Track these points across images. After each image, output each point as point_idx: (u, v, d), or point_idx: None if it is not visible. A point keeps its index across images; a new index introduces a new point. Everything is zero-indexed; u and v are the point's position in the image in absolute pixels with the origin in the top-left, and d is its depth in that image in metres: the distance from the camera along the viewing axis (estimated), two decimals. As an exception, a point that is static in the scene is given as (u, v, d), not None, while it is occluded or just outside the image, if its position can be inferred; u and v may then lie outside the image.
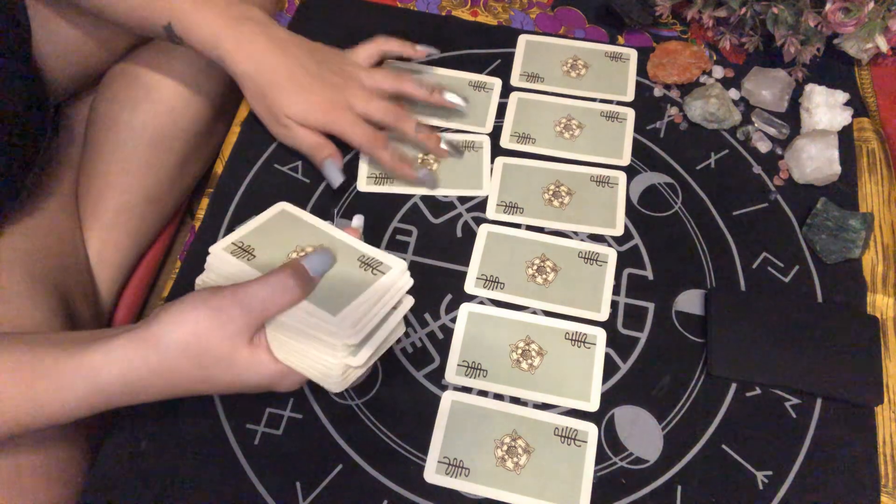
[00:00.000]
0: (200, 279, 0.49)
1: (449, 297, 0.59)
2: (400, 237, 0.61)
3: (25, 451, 0.51)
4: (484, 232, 0.61)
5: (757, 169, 0.65)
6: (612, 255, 0.60)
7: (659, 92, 0.70)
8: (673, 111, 0.68)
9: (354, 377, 0.46)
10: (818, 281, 0.60)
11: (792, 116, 0.68)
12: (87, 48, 0.69)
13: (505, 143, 0.66)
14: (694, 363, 0.56)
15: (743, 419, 0.54)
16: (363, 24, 0.73)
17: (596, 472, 0.52)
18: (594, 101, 0.69)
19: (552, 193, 0.63)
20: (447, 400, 0.54)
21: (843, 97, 0.66)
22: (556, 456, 0.52)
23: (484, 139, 0.66)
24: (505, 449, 0.52)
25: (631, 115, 0.68)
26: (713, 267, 0.60)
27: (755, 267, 0.60)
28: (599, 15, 0.76)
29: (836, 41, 0.69)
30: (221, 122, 0.75)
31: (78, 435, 0.56)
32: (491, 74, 0.71)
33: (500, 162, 0.65)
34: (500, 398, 0.54)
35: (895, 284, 0.59)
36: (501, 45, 0.73)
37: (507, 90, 0.70)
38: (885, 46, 0.66)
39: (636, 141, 0.67)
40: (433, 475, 0.51)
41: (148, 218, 0.73)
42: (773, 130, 0.67)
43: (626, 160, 0.65)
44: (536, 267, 0.60)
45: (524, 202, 0.63)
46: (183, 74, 0.69)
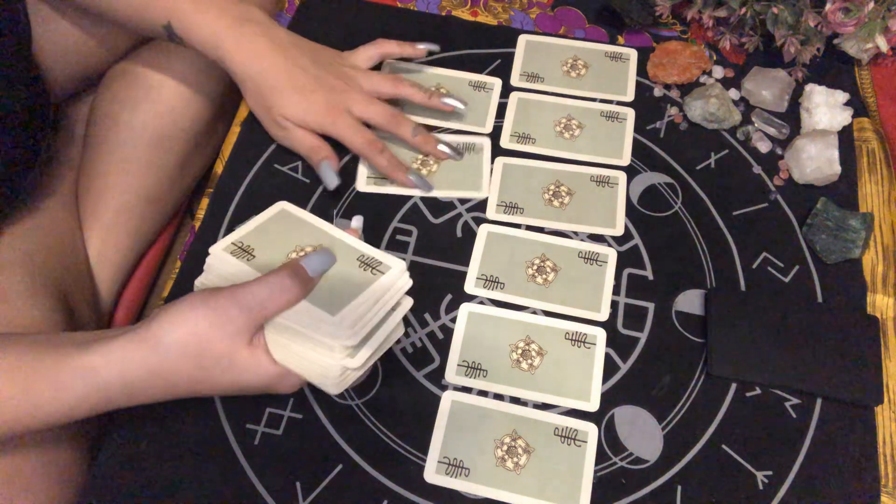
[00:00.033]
0: (199, 280, 0.49)
1: (449, 297, 0.59)
2: (400, 237, 0.61)
3: (25, 451, 0.51)
4: (484, 232, 0.61)
5: (757, 169, 0.65)
6: (612, 255, 0.60)
7: (659, 92, 0.70)
8: (673, 111, 0.68)
9: (352, 379, 0.46)
10: (818, 281, 0.60)
11: (792, 116, 0.68)
12: (87, 48, 0.69)
13: (505, 143, 0.66)
14: (694, 363, 0.56)
15: (743, 419, 0.54)
16: (363, 24, 0.73)
17: (596, 472, 0.52)
18: (594, 101, 0.69)
19: (552, 193, 0.63)
20: (447, 400, 0.54)
21: (843, 97, 0.66)
22: (556, 456, 0.52)
23: (484, 141, 0.66)
24: (505, 449, 0.52)
25: (631, 115, 0.68)
26: (713, 267, 0.60)
27: (755, 267, 0.60)
28: (599, 15, 0.76)
29: (836, 41, 0.69)
30: (221, 122, 0.75)
31: (78, 435, 0.56)
32: (491, 74, 0.71)
33: (500, 162, 0.65)
34: (500, 398, 0.54)
35: (895, 284, 0.59)
36: (501, 45, 0.73)
37: (507, 90, 0.70)
38: (885, 46, 0.66)
39: (636, 141, 0.67)
40: (433, 475, 0.51)
41: (148, 218, 0.73)
42: (773, 130, 0.67)
43: (626, 160, 0.65)
44: (536, 267, 0.60)
45: (524, 202, 0.63)
46: (183, 74, 0.69)
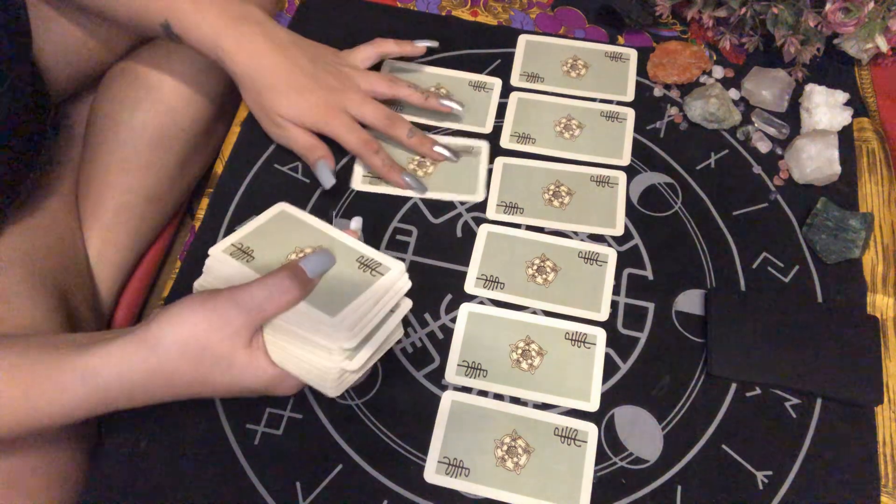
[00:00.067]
0: (199, 282, 0.48)
1: (449, 297, 0.59)
2: (400, 237, 0.61)
3: (25, 451, 0.51)
4: (484, 232, 0.61)
5: (757, 169, 0.65)
6: (612, 255, 0.60)
7: (659, 92, 0.69)
8: (673, 111, 0.68)
9: (351, 381, 0.46)
10: (818, 281, 0.60)
11: (792, 116, 0.68)
12: (87, 48, 0.69)
13: (505, 143, 0.66)
14: (694, 363, 0.56)
15: (743, 419, 0.54)
16: (363, 24, 0.73)
17: (596, 472, 0.52)
18: (594, 101, 0.69)
19: (552, 193, 0.63)
20: (447, 400, 0.54)
21: (843, 97, 0.66)
22: (556, 456, 0.52)
23: (482, 144, 0.66)
24: (505, 449, 0.52)
25: (631, 115, 0.68)
26: (713, 267, 0.60)
27: (755, 267, 0.60)
28: (599, 15, 0.76)
29: (836, 41, 0.69)
30: (221, 122, 0.75)
31: (78, 435, 0.56)
32: (491, 74, 0.71)
33: (500, 162, 0.65)
34: (500, 398, 0.54)
35: (895, 284, 0.59)
36: (501, 45, 0.73)
37: (507, 90, 0.70)
38: (885, 46, 0.66)
39: (636, 141, 0.67)
40: (433, 475, 0.51)
41: (148, 218, 0.73)
42: (773, 130, 0.67)
43: (626, 160, 0.65)
44: (536, 267, 0.60)
45: (524, 202, 0.63)
46: (183, 74, 0.69)
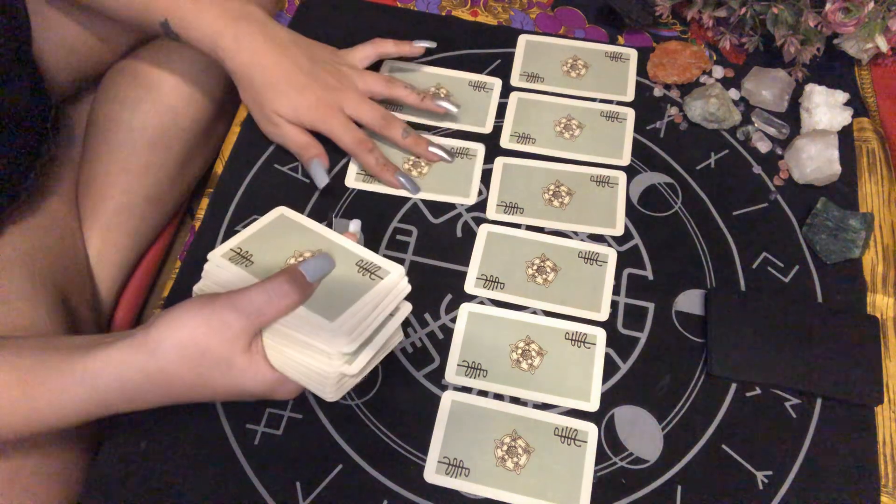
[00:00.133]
0: (198, 286, 0.48)
1: (449, 297, 0.59)
2: (400, 237, 0.61)
3: (25, 452, 0.51)
4: (484, 232, 0.61)
5: (757, 169, 0.65)
6: (612, 255, 0.60)
7: (659, 92, 0.69)
8: (673, 111, 0.68)
9: (350, 386, 0.46)
10: (818, 281, 0.60)
11: (792, 116, 0.68)
12: (87, 48, 0.69)
13: (505, 143, 0.66)
14: (694, 363, 0.56)
15: (743, 419, 0.54)
16: (363, 24, 0.73)
17: (596, 472, 0.52)
18: (594, 101, 0.69)
19: (552, 193, 0.63)
20: (447, 400, 0.54)
21: (843, 97, 0.66)
22: (556, 456, 0.52)
23: (478, 147, 0.66)
24: (505, 449, 0.52)
25: (631, 115, 0.68)
26: (713, 267, 0.60)
27: (755, 267, 0.60)
28: (599, 15, 0.76)
29: (836, 41, 0.69)
30: (221, 122, 0.75)
31: (77, 436, 0.56)
32: (491, 74, 0.71)
33: (499, 162, 0.65)
34: (500, 398, 0.54)
35: (895, 284, 0.59)
36: (501, 45, 0.73)
37: (506, 90, 0.70)
38: (885, 46, 0.66)
39: (636, 141, 0.67)
40: (433, 475, 0.51)
41: (148, 218, 0.73)
42: (773, 130, 0.67)
43: (626, 160, 0.65)
44: (536, 267, 0.60)
45: (524, 202, 0.63)
46: (183, 74, 0.69)
